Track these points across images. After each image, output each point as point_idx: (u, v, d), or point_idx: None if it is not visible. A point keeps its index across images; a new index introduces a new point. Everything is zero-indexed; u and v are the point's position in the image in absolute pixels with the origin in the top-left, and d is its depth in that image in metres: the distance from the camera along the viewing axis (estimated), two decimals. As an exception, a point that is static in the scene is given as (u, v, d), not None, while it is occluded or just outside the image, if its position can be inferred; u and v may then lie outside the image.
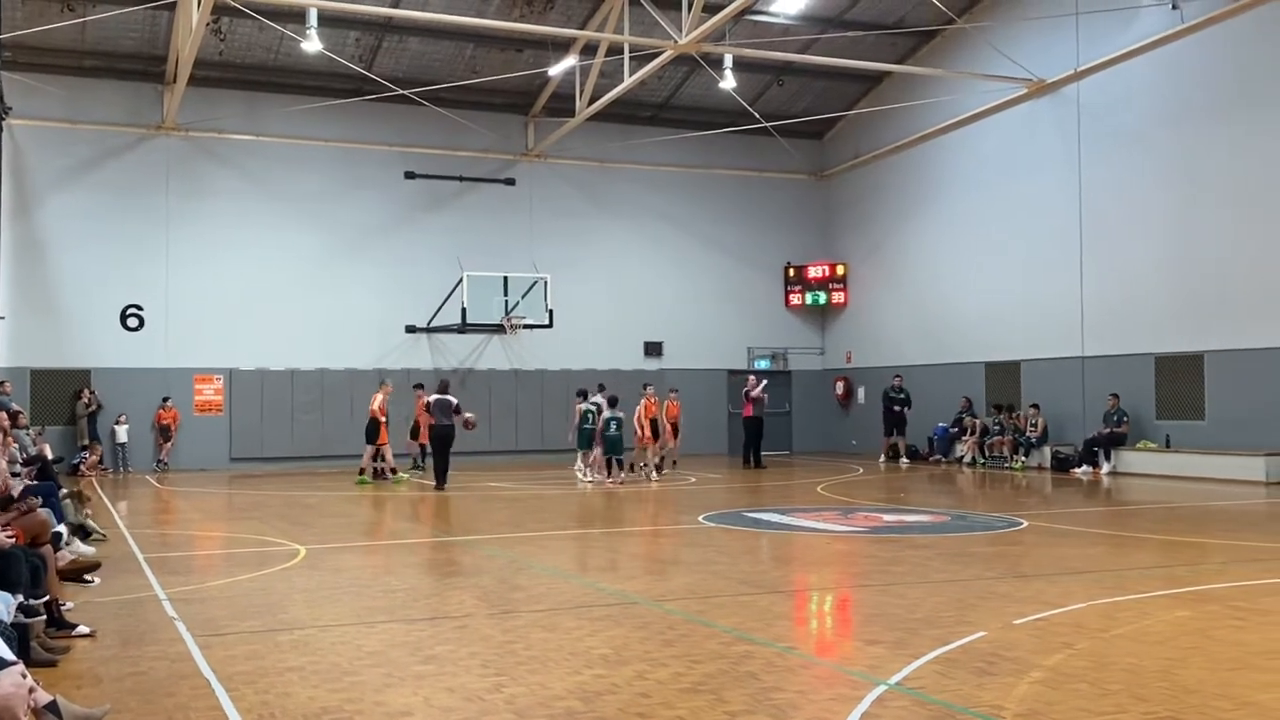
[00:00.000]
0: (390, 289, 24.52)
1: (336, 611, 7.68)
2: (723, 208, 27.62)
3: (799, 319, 28.48)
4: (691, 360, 26.81)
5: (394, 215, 24.84)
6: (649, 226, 26.90)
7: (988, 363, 23.34)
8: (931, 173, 24.96)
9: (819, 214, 28.50)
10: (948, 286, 24.37)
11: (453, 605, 7.86)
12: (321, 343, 23.89)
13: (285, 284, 23.76)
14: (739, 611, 7.52)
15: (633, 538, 12.09)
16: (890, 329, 26.26)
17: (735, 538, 11.74)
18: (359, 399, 23.40)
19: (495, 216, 25.55)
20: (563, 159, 26.12)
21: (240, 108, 23.66)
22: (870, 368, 26.77)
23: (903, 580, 8.74)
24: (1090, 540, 11.26)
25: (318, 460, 23.28)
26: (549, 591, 8.39)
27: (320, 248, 24.16)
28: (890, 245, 26.37)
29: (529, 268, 23.98)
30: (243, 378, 23.40)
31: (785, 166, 28.00)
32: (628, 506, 15.11)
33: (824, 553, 10.62)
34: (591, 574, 9.61)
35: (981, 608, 7.55)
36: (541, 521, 13.67)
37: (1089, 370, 20.86)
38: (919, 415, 23.88)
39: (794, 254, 28.23)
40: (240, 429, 23.27)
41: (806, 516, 13.32)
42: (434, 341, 25.03)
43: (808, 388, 28.30)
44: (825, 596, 8.58)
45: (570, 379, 25.36)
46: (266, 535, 11.98)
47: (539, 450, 25.17)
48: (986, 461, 22.05)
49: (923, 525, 12.66)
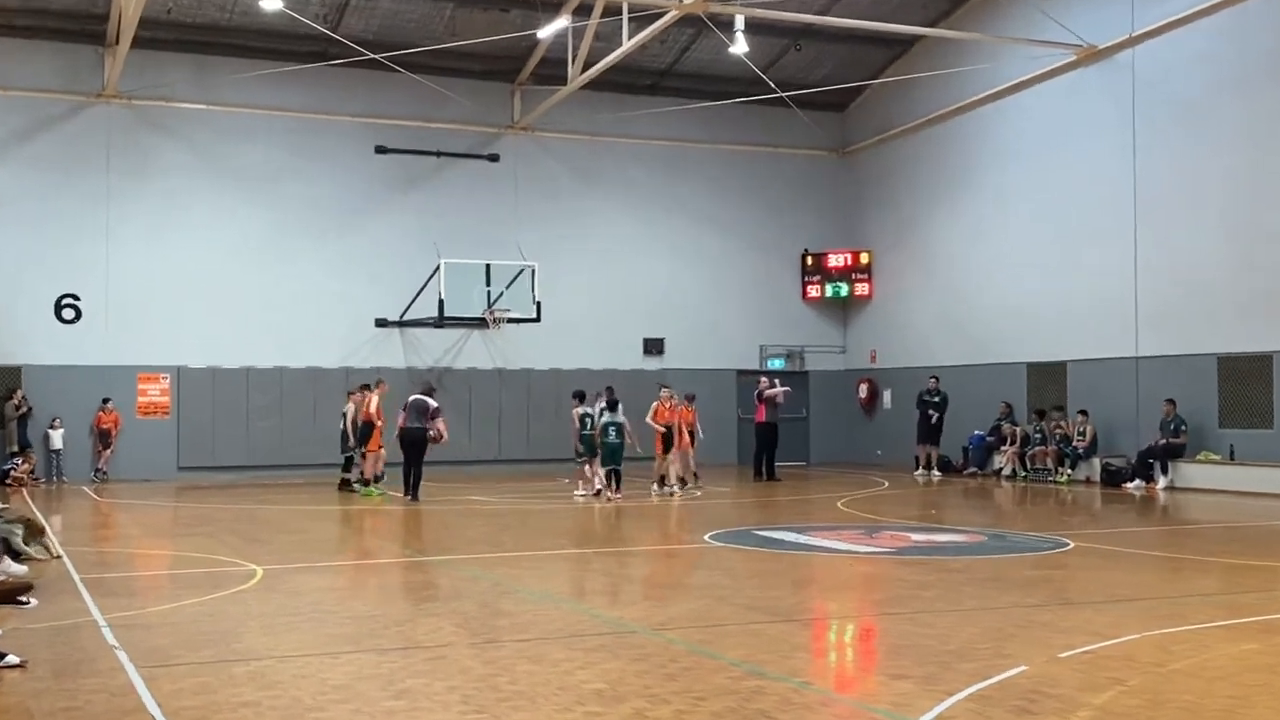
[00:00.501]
0: (358, 278, 24.53)
1: (297, 640, 7.67)
2: (732, 188, 27.63)
3: (817, 313, 28.50)
4: (696, 359, 26.83)
5: (363, 195, 24.84)
6: (649, 209, 26.91)
7: (1030, 363, 23.36)
8: (967, 149, 24.97)
9: (840, 195, 28.52)
10: (985, 277, 24.39)
11: (428, 633, 7.86)
12: (281, 338, 23.89)
13: (240, 272, 23.76)
14: (749, 642, 7.53)
15: (630, 559, 12.10)
16: (920, 325, 26.28)
17: (745, 559, 11.75)
18: (322, 401, 23.41)
19: (476, 197, 25.56)
20: (552, 132, 26.13)
21: (190, 73, 23.66)
22: (898, 368, 26.79)
23: (933, 607, 8.74)
24: (1144, 563, 11.26)
25: (276, 470, 23.29)
26: (536, 618, 8.39)
27: (280, 231, 24.16)
28: (920, 230, 26.38)
29: (514, 255, 23.99)
30: (192, 377, 23.40)
31: (803, 142, 28.02)
32: (625, 524, 15.12)
33: (845, 576, 10.62)
34: (584, 599, 9.60)
35: (1021, 638, 7.56)
36: (528, 540, 13.66)
37: (1144, 372, 20.87)
38: (952, 422, 23.89)
39: (812, 240, 28.25)
40: (189, 434, 23.27)
41: (825, 535, 13.33)
42: (407, 337, 25.04)
43: (827, 390, 28.32)
44: (846, 625, 8.58)
45: (560, 379, 25.37)
46: (218, 554, 11.97)
47: (525, 459, 25.19)
48: (1028, 474, 22.07)
49: (956, 546, 12.66)
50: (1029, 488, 20.82)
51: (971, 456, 23.72)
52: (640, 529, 14.91)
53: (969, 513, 17.48)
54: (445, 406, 23.12)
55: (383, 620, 8.37)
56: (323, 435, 22.59)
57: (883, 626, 8.37)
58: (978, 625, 8.00)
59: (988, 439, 23.45)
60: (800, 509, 17.32)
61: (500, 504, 18.01)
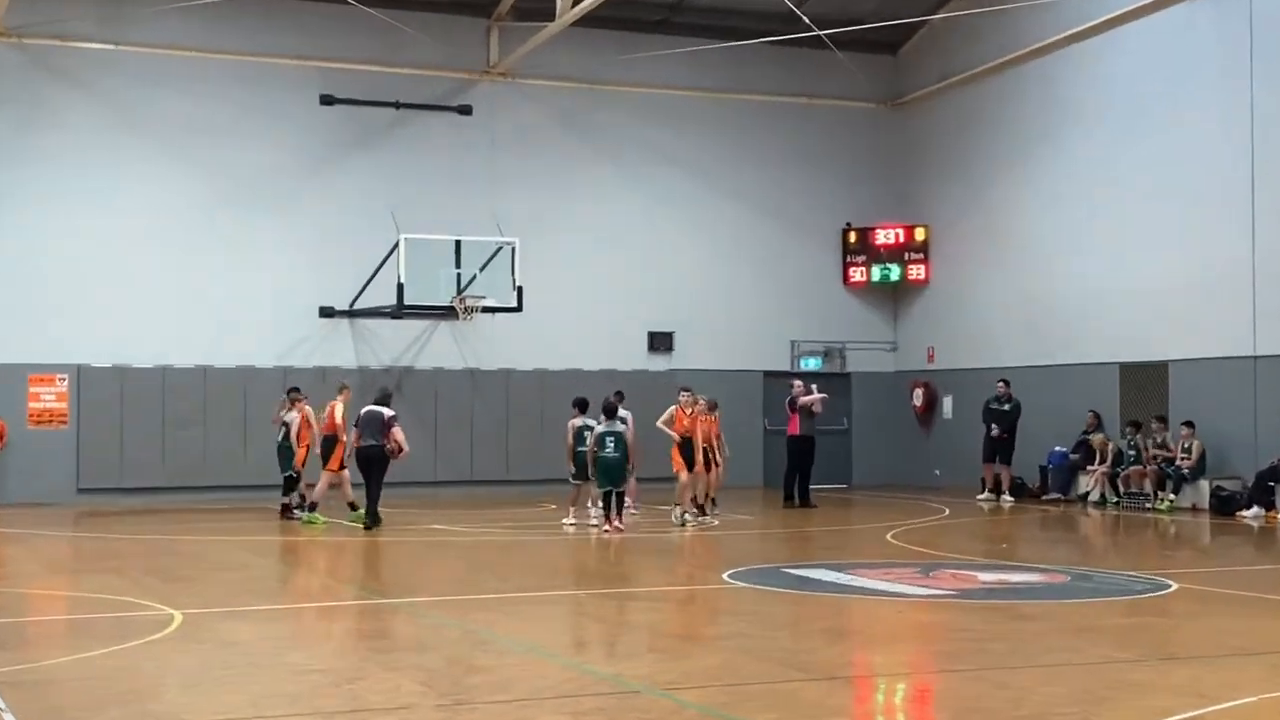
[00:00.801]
0: (299, 257, 24.53)
1: (226, 700, 7.69)
2: (758, 148, 27.60)
3: (862, 302, 28.47)
4: (713, 358, 26.80)
5: (305, 156, 24.83)
6: (656, 174, 26.89)
7: (1123, 364, 23.33)
8: (1046, 101, 24.93)
9: (891, 157, 28.50)
10: (1068, 258, 24.35)
11: (385, 693, 7.88)
12: (205, 331, 23.89)
13: (155, 250, 23.75)
14: (779, 704, 7.53)
15: (633, 602, 12.11)
16: (988, 316, 26.26)
17: (773, 603, 11.76)
18: (256, 407, 23.41)
19: (444, 157, 25.54)
20: (537, 79, 26.11)
21: (95, 6, 23.65)
22: (960, 370, 26.76)
23: (1005, 663, 8.75)
24: (1263, 609, 11.26)
25: (199, 493, 23.29)
26: (519, 675, 8.41)
27: (204, 200, 24.16)
28: (989, 200, 26.36)
29: (490, 229, 23.98)
30: (95, 378, 23.41)
31: (845, 91, 27.98)
32: (626, 560, 15.14)
33: (895, 624, 10.63)
34: (577, 651, 9.62)
35: (1113, 701, 7.56)
36: (507, 579, 13.68)
37: (1263, 375, 20.84)
38: (1026, 436, 23.88)
39: (856, 212, 28.24)
40: (92, 448, 23.28)
41: (871, 575, 13.33)
42: (359, 329, 25.03)
43: (874, 396, 28.30)
44: (897, 685, 8.59)
45: (546, 383, 25.35)
46: (129, 595, 11.97)
47: (503, 481, 25.17)
48: (1121, 500, 22.07)
49: (1032, 587, 12.67)
50: (1121, 516, 20.80)
51: (1051, 478, 23.70)
52: (645, 566, 14.91)
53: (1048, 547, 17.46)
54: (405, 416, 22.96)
55: (329, 676, 8.38)
56: (258, 450, 22.60)
57: (942, 686, 8.37)
58: (1060, 685, 8.01)
59: (1071, 457, 23.43)
60: (840, 542, 17.31)
61: (473, 535, 18.00)
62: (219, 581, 13.32)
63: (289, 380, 22.78)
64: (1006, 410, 23.85)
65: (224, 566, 14.75)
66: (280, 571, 14.86)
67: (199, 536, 17.78)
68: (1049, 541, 18.60)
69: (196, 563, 14.96)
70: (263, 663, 8.85)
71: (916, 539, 17.08)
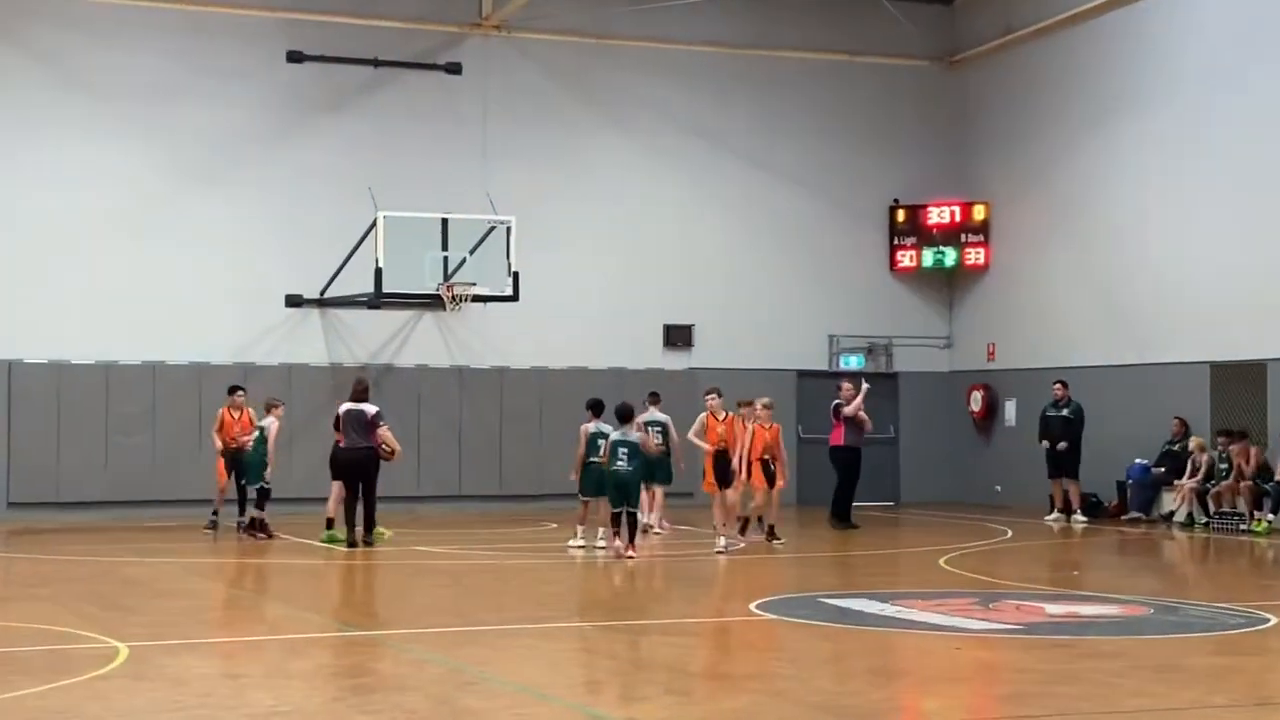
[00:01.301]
0: (263, 237, 24.55)
1: (179, 747, 7.71)
2: (791, 113, 27.56)
3: (912, 291, 28.43)
4: (738, 355, 26.76)
5: (270, 121, 24.86)
6: (673, 143, 26.87)
7: (1214, 363, 23.27)
8: (1129, 58, 24.87)
9: (946, 124, 28.44)
10: (1151, 241, 24.28)
11: (363, 739, 7.89)
12: (153, 322, 23.91)
13: (99, 229, 23.78)
14: (817, 754, 7.53)
15: (647, 637, 12.09)
16: (1057, 308, 26.19)
17: (809, 638, 11.74)
18: (212, 410, 23.44)
19: (429, 124, 25.55)
20: (537, 33, 26.10)
21: (27, -53, 23.76)
22: (1026, 369, 26.69)
23: (1076, 708, 8.72)
24: (1377, 648, 11.24)
25: (147, 507, 23.32)
26: (515, 719, 8.37)
27: (154, 172, 24.18)
28: (1059, 174, 26.28)
29: (482, 206, 24.00)
30: (28, 375, 23.46)
31: (893, 48, 27.95)
32: (640, 588, 15.13)
33: (951, 663, 10.61)
34: (582, 693, 9.60)
35: (1204, 752, 7.56)
36: (501, 609, 13.66)
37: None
38: (1103, 448, 23.82)
39: (905, 188, 28.19)
40: (24, 456, 23.32)
41: (922, 606, 13.28)
42: (330, 320, 25.06)
43: (925, 401, 28.26)
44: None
45: (546, 382, 25.34)
46: (65, 625, 11.96)
47: (496, 496, 25.19)
48: (1212, 520, 22.02)
49: (1109, 622, 12.63)
50: (1212, 539, 20.75)
51: (1131, 495, 23.64)
52: (660, 595, 14.89)
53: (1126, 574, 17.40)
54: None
55: (299, 718, 8.36)
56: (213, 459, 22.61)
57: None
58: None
59: (1154, 470, 23.38)
60: (886, 568, 17.28)
61: (461, 558, 17.98)
62: (170, 610, 13.31)
63: (250, 379, 22.81)
64: (1065, 417, 23.73)
65: (175, 593, 14.74)
66: (240, 599, 14.86)
67: (146, 559, 17.78)
68: (1127, 568, 18.54)
69: (144, 588, 14.96)
70: (220, 703, 8.83)
71: (974, 565, 17.01)
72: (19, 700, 8.84)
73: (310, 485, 22.05)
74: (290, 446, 22.03)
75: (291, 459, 22.23)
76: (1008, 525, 22.58)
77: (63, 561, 17.51)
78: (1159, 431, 23.54)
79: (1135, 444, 23.79)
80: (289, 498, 21.68)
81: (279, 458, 20.52)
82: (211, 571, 16.97)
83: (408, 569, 17.23)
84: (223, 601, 14.57)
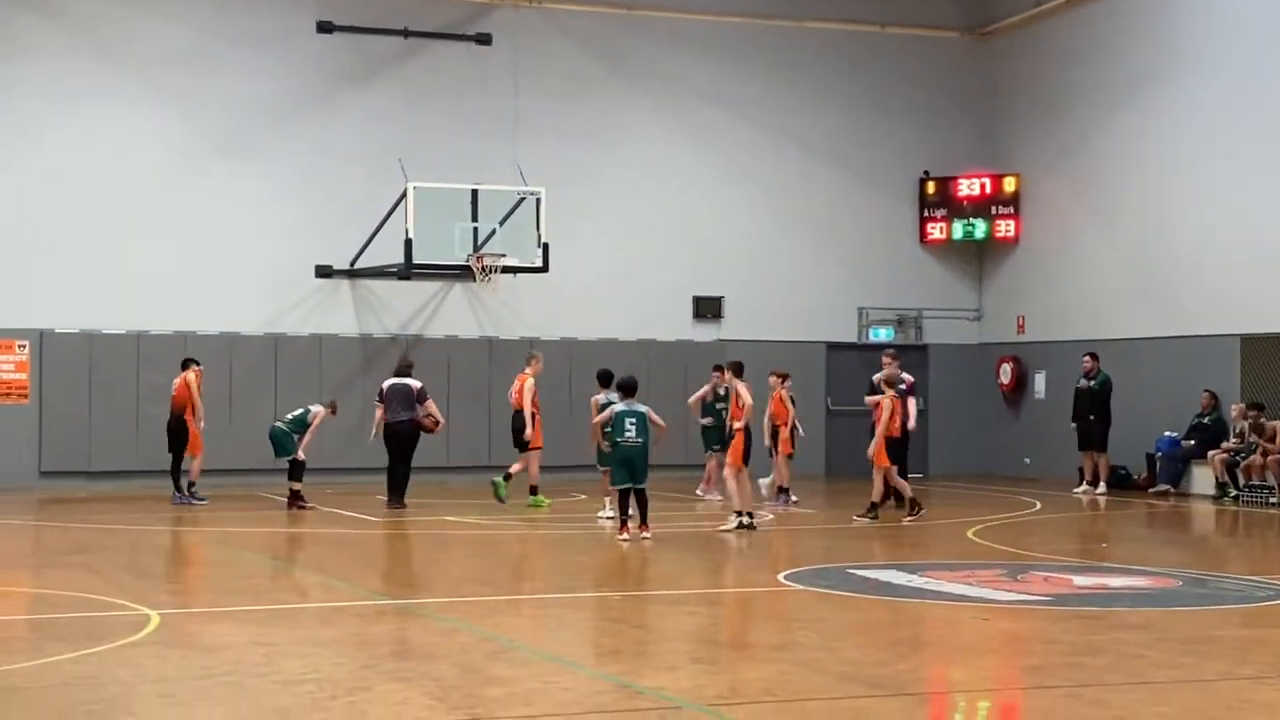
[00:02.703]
0: (293, 209, 24.59)
1: (209, 713, 7.76)
2: (821, 84, 27.46)
3: (941, 263, 28.34)
4: (768, 328, 26.73)
5: (300, 91, 24.87)
6: (703, 115, 26.80)
7: (1245, 335, 23.16)
8: (1163, 29, 24.69)
9: (977, 96, 28.30)
10: (1183, 213, 24.15)
11: (391, 707, 7.92)
12: (184, 293, 23.99)
13: (130, 200, 23.86)
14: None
15: (675, 607, 12.12)
16: (1088, 280, 26.08)
17: (837, 608, 11.76)
18: (243, 380, 23.57)
19: (459, 95, 25.53)
20: (566, 4, 26.04)
21: (59, -81, 23.77)
22: (1056, 342, 26.60)
23: (1104, 679, 8.73)
24: (1406, 621, 11.19)
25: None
26: (543, 687, 8.43)
27: (185, 143, 24.25)
28: (1091, 147, 26.14)
29: (512, 177, 23.98)
30: (60, 345, 23.57)
31: (923, 18, 27.83)
32: (666, 559, 15.15)
33: (978, 634, 10.61)
34: (610, 661, 9.63)
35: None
36: (530, 579, 13.73)
37: None
38: (1133, 420, 23.74)
39: (935, 160, 28.08)
40: (56, 426, 23.46)
41: (950, 577, 13.29)
42: (360, 291, 25.09)
43: (955, 373, 28.16)
44: (980, 702, 8.58)
45: (575, 354, 25.33)
46: (98, 592, 12.05)
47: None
48: (1241, 493, 21.93)
49: (1137, 593, 12.61)
50: (1242, 512, 20.67)
51: (1161, 467, 23.56)
52: (687, 566, 14.91)
53: (1156, 547, 17.37)
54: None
55: (327, 687, 8.43)
56: (243, 429, 22.76)
57: (1032, 705, 8.35)
58: (1168, 705, 7.98)
59: (1184, 443, 23.29)
60: (915, 539, 17.26)
61: (491, 528, 18.05)
62: (201, 578, 13.42)
63: (280, 350, 22.90)
64: (1093, 389, 23.67)
65: (206, 562, 14.86)
66: (271, 568, 14.93)
67: (178, 527, 17.90)
68: (1156, 541, 18.51)
69: (176, 557, 15.08)
70: (251, 671, 8.90)
71: (1002, 537, 17.00)
72: (53, 665, 8.93)
73: (343, 457, 22.33)
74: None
75: (321, 434, 22.29)
76: (1036, 497, 22.54)
77: (94, 530, 17.62)
78: (1189, 404, 23.45)
79: (1165, 417, 23.72)
80: (321, 468, 21.78)
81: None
82: (242, 541, 17.06)
83: (437, 539, 17.31)
84: (253, 570, 14.64)
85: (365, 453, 21.49)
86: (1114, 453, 23.79)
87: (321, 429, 20.18)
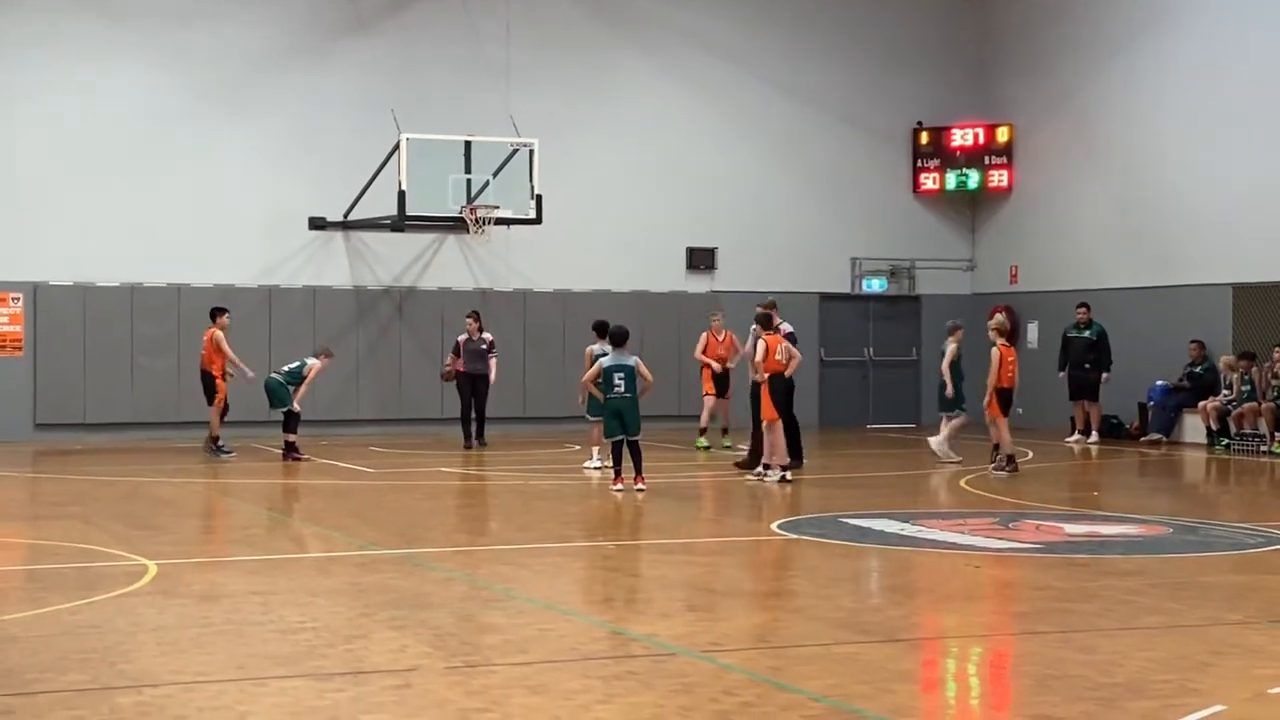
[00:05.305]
0: (286, 160, 24.50)
1: (207, 661, 7.79)
2: (815, 35, 27.35)
3: (935, 214, 28.29)
4: (761, 278, 26.62)
5: (292, 41, 24.73)
6: (697, 65, 26.69)
7: (1236, 285, 23.18)
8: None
9: (970, 45, 28.19)
10: (1174, 163, 24.12)
11: (388, 654, 7.98)
12: (179, 245, 23.93)
13: (122, 152, 23.76)
14: (835, 669, 7.60)
15: (668, 555, 12.19)
16: (1080, 230, 26.05)
17: (829, 557, 11.81)
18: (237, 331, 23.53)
19: (451, 45, 25.40)
20: (560, -47, 25.96)
21: None
22: (1049, 292, 26.60)
23: (1094, 624, 8.80)
24: (1394, 567, 11.26)
25: (173, 428, 23.47)
26: (538, 634, 8.49)
27: (177, 95, 24.12)
28: (1083, 96, 26.07)
29: (505, 129, 23.91)
30: (54, 298, 23.54)
31: (917, -32, 27.73)
32: (659, 508, 15.21)
33: (969, 581, 10.68)
34: (604, 609, 9.70)
35: (1218, 668, 7.61)
36: (524, 528, 13.76)
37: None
38: (1125, 369, 23.77)
39: (927, 109, 28.00)
40: (51, 378, 23.45)
41: (942, 525, 13.37)
42: (354, 244, 25.05)
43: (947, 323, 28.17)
44: (971, 648, 8.65)
45: (569, 306, 25.32)
46: (95, 542, 12.10)
47: (518, 418, 25.25)
48: (1232, 442, 22.01)
49: (1128, 541, 12.68)
50: (1233, 461, 20.75)
51: (1151, 417, 23.64)
52: (681, 514, 14.98)
53: (1146, 495, 17.44)
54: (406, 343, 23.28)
55: (325, 635, 8.48)
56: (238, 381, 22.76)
57: (1022, 650, 8.41)
58: (1156, 649, 8.04)
59: (1175, 392, 23.36)
60: (907, 488, 17.34)
61: (485, 478, 18.10)
62: (198, 529, 13.47)
63: (275, 302, 22.89)
64: (1087, 339, 23.72)
65: (203, 512, 14.91)
66: (267, 518, 14.98)
67: (174, 479, 17.93)
68: (1146, 489, 18.57)
69: (171, 508, 15.10)
70: (249, 619, 8.95)
71: (995, 486, 17.06)
72: (52, 615, 8.97)
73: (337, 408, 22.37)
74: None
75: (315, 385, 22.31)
76: (1029, 447, 22.56)
77: (90, 481, 17.65)
78: (1180, 354, 23.51)
79: (1156, 366, 23.78)
80: (317, 420, 21.84)
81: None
82: (238, 491, 17.09)
83: (433, 489, 17.34)
84: (250, 520, 14.69)
85: (364, 405, 21.58)
86: (1105, 402, 23.85)
87: (316, 382, 20.20)
